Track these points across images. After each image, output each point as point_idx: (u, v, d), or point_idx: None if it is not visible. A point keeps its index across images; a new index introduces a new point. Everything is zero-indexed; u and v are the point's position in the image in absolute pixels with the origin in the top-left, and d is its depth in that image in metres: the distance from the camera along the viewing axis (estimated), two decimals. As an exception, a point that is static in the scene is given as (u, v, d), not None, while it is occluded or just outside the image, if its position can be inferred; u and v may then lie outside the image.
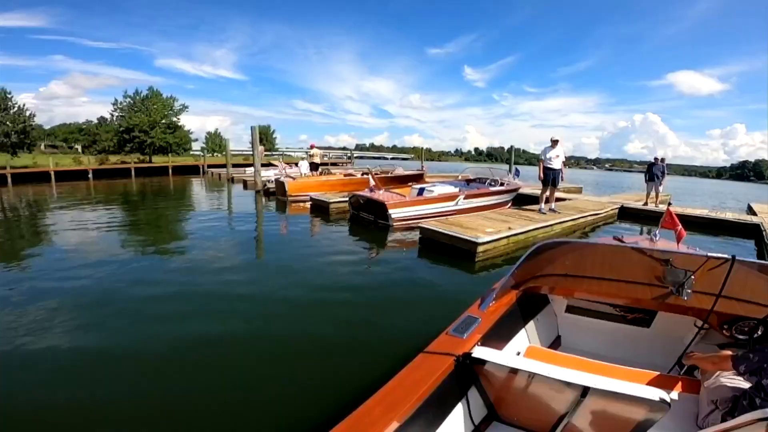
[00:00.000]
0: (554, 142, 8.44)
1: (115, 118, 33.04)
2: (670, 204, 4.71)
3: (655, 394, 1.38)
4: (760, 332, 2.22)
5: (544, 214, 8.72)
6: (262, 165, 22.27)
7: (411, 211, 8.43)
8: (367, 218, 8.94)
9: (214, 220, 9.66)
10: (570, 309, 2.88)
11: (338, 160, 38.59)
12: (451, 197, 9.03)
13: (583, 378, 1.49)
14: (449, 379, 1.73)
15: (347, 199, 9.70)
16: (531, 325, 2.63)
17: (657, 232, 3.14)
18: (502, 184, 10.55)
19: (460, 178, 11.91)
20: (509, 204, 10.80)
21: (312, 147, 17.22)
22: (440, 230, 6.58)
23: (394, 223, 8.18)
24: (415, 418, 1.50)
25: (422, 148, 38.10)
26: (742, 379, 1.73)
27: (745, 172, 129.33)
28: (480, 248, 6.00)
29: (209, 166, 27.85)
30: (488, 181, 10.89)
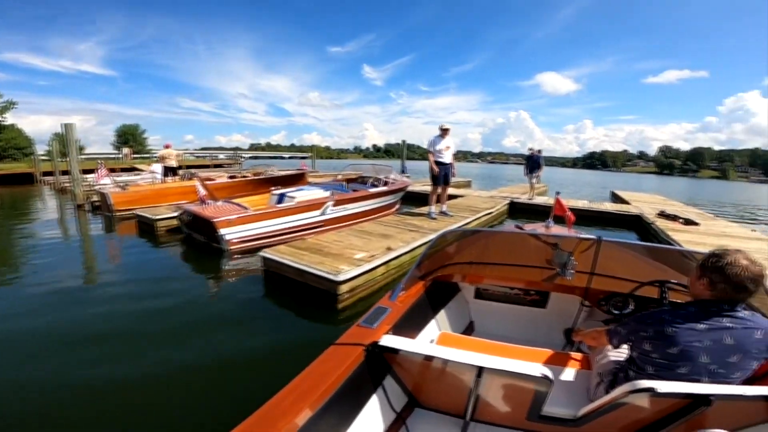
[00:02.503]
0: (444, 131, 6.96)
1: None
2: (558, 193, 4.80)
3: (538, 370, 1.36)
4: (632, 307, 2.34)
5: (435, 219, 7.20)
6: (124, 170, 17.55)
7: (255, 228, 6.05)
8: (200, 240, 6.41)
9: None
10: (478, 295, 2.90)
11: (225, 161, 34.05)
12: (315, 205, 6.78)
13: (476, 358, 1.46)
14: (361, 369, 1.66)
15: (177, 214, 6.95)
16: (443, 312, 2.60)
17: (551, 219, 3.52)
18: (386, 184, 8.71)
19: (339, 178, 9.82)
20: (396, 206, 9.14)
21: (166, 147, 13.45)
22: (286, 262, 4.40)
23: (230, 247, 5.80)
24: (329, 407, 1.44)
25: (314, 146, 35.67)
26: (624, 352, 1.75)
27: (593, 161, 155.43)
28: (343, 287, 4.00)
29: (45, 174, 21.39)
30: (371, 180, 9.02)
